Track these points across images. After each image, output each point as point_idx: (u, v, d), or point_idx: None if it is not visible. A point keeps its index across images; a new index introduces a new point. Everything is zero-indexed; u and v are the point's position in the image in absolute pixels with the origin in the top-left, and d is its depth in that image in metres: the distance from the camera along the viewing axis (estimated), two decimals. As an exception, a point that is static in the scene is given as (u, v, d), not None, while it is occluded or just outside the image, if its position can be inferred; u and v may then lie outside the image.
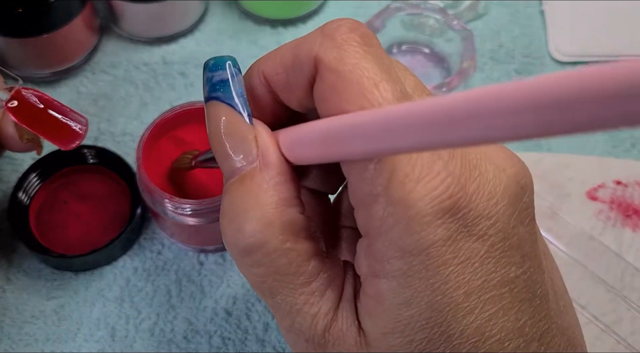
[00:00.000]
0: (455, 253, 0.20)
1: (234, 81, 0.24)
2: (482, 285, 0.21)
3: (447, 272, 0.20)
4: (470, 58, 0.49)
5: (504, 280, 0.21)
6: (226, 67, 0.25)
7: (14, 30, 0.46)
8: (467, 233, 0.20)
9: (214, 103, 0.24)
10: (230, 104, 0.24)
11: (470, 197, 0.21)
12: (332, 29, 0.23)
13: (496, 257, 0.21)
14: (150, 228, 0.45)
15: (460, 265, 0.21)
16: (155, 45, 0.53)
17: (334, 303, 0.23)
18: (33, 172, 0.45)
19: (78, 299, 0.43)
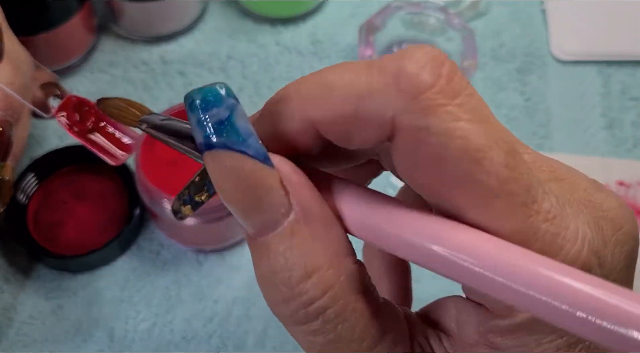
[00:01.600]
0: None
1: (237, 117, 0.19)
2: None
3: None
4: (471, 57, 0.49)
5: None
6: (222, 101, 0.19)
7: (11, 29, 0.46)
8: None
9: (217, 153, 0.18)
10: (240, 150, 0.18)
11: (601, 270, 0.19)
12: (411, 82, 0.17)
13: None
14: (149, 229, 0.45)
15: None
16: (154, 45, 0.53)
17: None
18: (31, 172, 0.45)
19: (76, 300, 0.43)
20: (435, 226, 0.18)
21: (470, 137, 0.17)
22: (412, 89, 0.17)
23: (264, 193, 0.18)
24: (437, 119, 0.17)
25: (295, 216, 0.19)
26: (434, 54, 0.18)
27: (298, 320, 0.19)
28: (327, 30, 0.54)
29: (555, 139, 0.49)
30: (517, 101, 0.51)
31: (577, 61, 0.53)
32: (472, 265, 0.17)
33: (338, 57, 0.53)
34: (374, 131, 0.18)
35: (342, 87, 0.18)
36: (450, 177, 0.17)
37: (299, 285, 0.19)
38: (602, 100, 0.51)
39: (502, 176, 0.17)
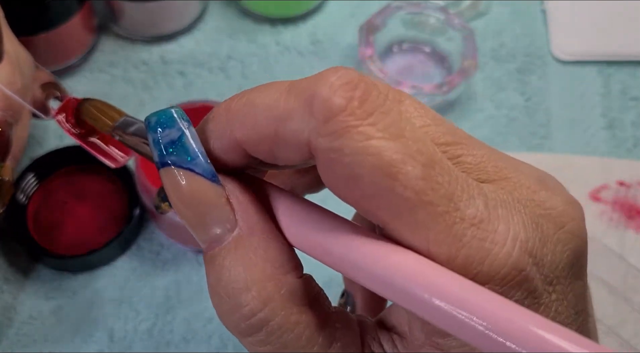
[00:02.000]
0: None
1: (187, 139, 0.20)
2: None
3: None
4: (471, 57, 0.49)
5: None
6: (174, 123, 0.20)
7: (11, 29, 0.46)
8: (533, 303, 0.19)
9: (169, 170, 0.20)
10: (189, 168, 0.20)
11: (538, 269, 0.19)
12: (322, 106, 0.18)
13: (555, 321, 0.19)
14: (149, 229, 0.45)
15: None
16: (154, 44, 0.53)
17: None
18: (31, 172, 0.45)
19: (76, 300, 0.43)
20: (356, 243, 0.19)
21: (382, 153, 0.17)
22: (324, 113, 0.18)
23: (211, 209, 0.20)
24: (349, 140, 0.17)
25: (239, 231, 0.20)
26: (348, 77, 0.18)
27: (243, 331, 0.20)
28: (327, 30, 0.54)
29: (555, 138, 0.49)
30: (517, 101, 0.51)
31: (577, 61, 0.53)
32: (390, 282, 0.18)
33: (338, 57, 0.53)
34: (294, 152, 0.19)
35: (263, 108, 0.19)
36: (369, 194, 0.18)
37: (241, 297, 0.19)
38: (602, 100, 0.51)
39: (418, 188, 0.17)
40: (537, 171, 0.21)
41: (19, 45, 0.38)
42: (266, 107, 0.19)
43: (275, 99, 0.19)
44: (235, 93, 0.20)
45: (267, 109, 0.19)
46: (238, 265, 0.20)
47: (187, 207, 0.20)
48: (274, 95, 0.19)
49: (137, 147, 0.24)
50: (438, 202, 0.18)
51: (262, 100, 0.19)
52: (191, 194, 0.20)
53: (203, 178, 0.20)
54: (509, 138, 0.49)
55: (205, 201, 0.20)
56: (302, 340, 0.20)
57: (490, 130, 0.50)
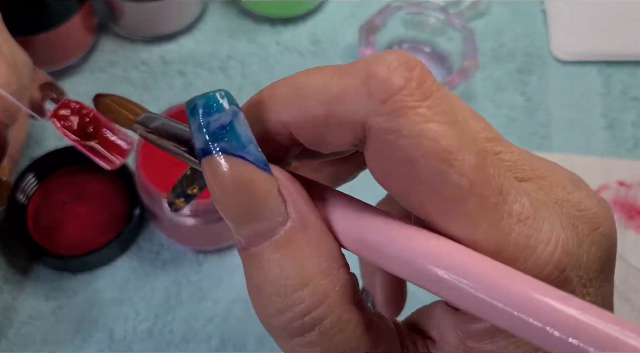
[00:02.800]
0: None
1: (238, 124, 0.19)
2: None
3: None
4: (471, 57, 0.49)
5: None
6: (224, 107, 0.19)
7: (11, 29, 0.46)
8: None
9: (216, 158, 0.18)
10: (241, 156, 0.18)
11: (575, 270, 0.19)
12: (380, 84, 0.17)
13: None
14: (149, 229, 0.45)
15: None
16: (154, 44, 0.53)
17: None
18: (31, 172, 0.45)
19: (76, 300, 0.43)
20: (413, 241, 0.18)
21: (440, 138, 0.17)
22: (382, 92, 0.17)
23: (263, 200, 0.18)
24: (407, 121, 0.17)
25: (292, 224, 0.19)
26: (404, 58, 0.18)
27: (293, 331, 0.19)
28: (327, 30, 0.54)
29: (555, 139, 0.49)
30: (517, 101, 0.51)
31: (577, 61, 0.53)
32: (440, 277, 0.17)
33: (338, 57, 0.53)
34: (346, 134, 0.18)
35: (313, 90, 0.19)
36: (421, 179, 0.17)
37: (295, 295, 0.18)
38: (603, 100, 0.51)
39: (472, 177, 0.17)
40: (567, 171, 0.21)
41: (16, 46, 0.38)
42: (317, 88, 0.18)
43: (326, 80, 0.18)
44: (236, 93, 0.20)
45: (319, 90, 0.18)
46: (291, 260, 0.18)
47: (235, 198, 0.18)
48: (324, 77, 0.19)
49: (160, 143, 0.23)
50: (490, 193, 0.17)
51: (312, 81, 0.19)
52: (242, 184, 0.18)
53: (255, 167, 0.18)
54: (509, 138, 0.49)
55: (258, 191, 0.18)
56: (353, 340, 0.19)
57: (490, 130, 0.50)
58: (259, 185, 0.18)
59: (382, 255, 0.18)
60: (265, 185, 0.18)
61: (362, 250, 0.19)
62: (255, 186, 0.18)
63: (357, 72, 0.18)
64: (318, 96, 0.18)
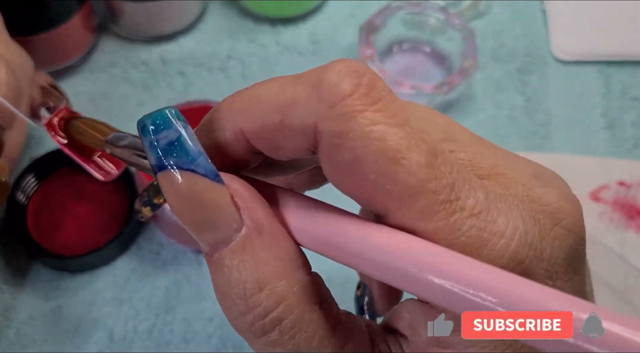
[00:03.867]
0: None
1: (186, 139, 0.19)
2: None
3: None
4: (471, 57, 0.49)
5: None
6: (171, 124, 0.19)
7: (11, 29, 0.46)
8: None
9: (168, 173, 0.19)
10: (191, 169, 0.19)
11: (538, 262, 0.19)
12: (329, 90, 0.18)
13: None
14: (149, 229, 0.45)
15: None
16: (154, 44, 0.53)
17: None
18: (31, 172, 0.45)
19: (76, 300, 0.43)
20: (362, 232, 0.19)
21: (387, 138, 0.18)
22: (331, 97, 0.18)
23: (216, 210, 0.19)
24: (355, 124, 0.18)
25: (247, 231, 0.19)
26: (354, 66, 0.19)
27: (255, 332, 0.20)
28: (327, 30, 0.54)
29: (555, 139, 0.49)
30: (517, 101, 0.51)
31: (577, 61, 0.53)
32: (393, 266, 0.18)
33: (338, 57, 0.52)
34: (299, 140, 0.19)
35: (268, 98, 0.19)
36: (372, 179, 0.18)
37: (253, 297, 0.19)
38: (603, 100, 0.51)
39: (422, 175, 0.18)
40: (533, 166, 0.21)
41: (15, 48, 0.38)
42: (272, 95, 0.19)
43: (281, 88, 0.19)
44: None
45: (273, 98, 0.19)
46: (248, 265, 0.19)
47: (190, 210, 0.19)
48: (278, 85, 0.19)
49: (130, 159, 0.24)
50: (440, 190, 0.18)
51: (268, 90, 0.19)
52: (194, 196, 0.19)
53: (206, 178, 0.19)
54: (509, 138, 0.49)
55: (210, 202, 0.19)
56: (315, 339, 0.20)
57: (490, 130, 0.50)
58: (210, 196, 0.19)
59: (336, 250, 0.19)
60: (217, 195, 0.19)
61: (318, 247, 0.19)
62: (207, 197, 0.19)
63: (309, 79, 0.19)
64: (272, 103, 0.19)
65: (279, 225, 0.20)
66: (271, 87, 0.19)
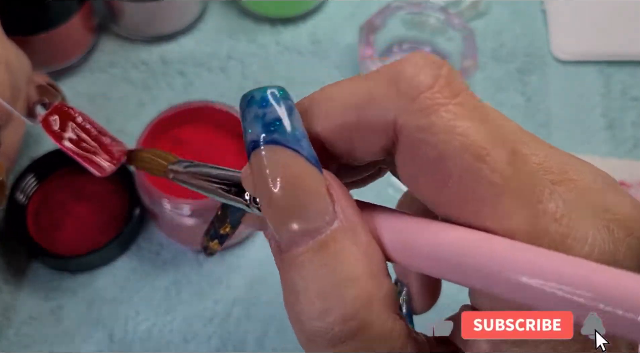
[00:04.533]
0: None
1: (293, 118, 0.18)
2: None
3: None
4: (471, 57, 0.49)
5: None
6: (281, 101, 0.18)
7: (10, 29, 0.46)
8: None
9: (272, 148, 0.18)
10: (295, 149, 0.18)
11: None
12: (409, 84, 0.17)
13: None
14: (149, 229, 0.45)
15: None
16: (154, 44, 0.53)
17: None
18: (30, 172, 0.45)
19: (76, 300, 0.43)
20: (464, 241, 0.17)
21: (471, 134, 0.17)
22: (411, 91, 0.17)
23: (311, 196, 0.18)
24: (438, 118, 0.17)
25: (340, 224, 0.18)
26: (431, 58, 0.18)
27: (334, 338, 0.17)
28: (327, 30, 0.54)
29: (555, 139, 0.49)
30: (517, 101, 0.51)
31: (577, 61, 0.53)
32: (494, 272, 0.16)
33: (338, 57, 0.53)
34: (378, 137, 0.18)
35: (342, 98, 0.18)
36: (453, 177, 0.17)
37: (339, 295, 0.17)
38: (603, 100, 0.51)
39: (506, 173, 0.17)
40: (600, 172, 0.20)
41: (11, 46, 0.38)
42: (346, 95, 0.18)
43: (353, 86, 0.18)
44: (236, 93, 0.20)
45: (347, 96, 0.18)
46: (336, 260, 0.17)
47: (284, 192, 0.17)
48: (351, 83, 0.19)
49: (192, 182, 0.23)
50: (525, 190, 0.17)
51: (340, 90, 0.19)
52: (293, 178, 0.18)
53: (308, 161, 0.18)
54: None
55: (307, 187, 0.18)
56: (395, 350, 0.18)
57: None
58: (309, 181, 0.18)
59: (425, 259, 0.18)
60: (316, 181, 0.18)
61: (405, 257, 0.18)
62: (305, 181, 0.18)
63: (384, 74, 0.18)
64: (348, 102, 0.18)
65: (368, 226, 0.19)
66: (343, 86, 0.19)
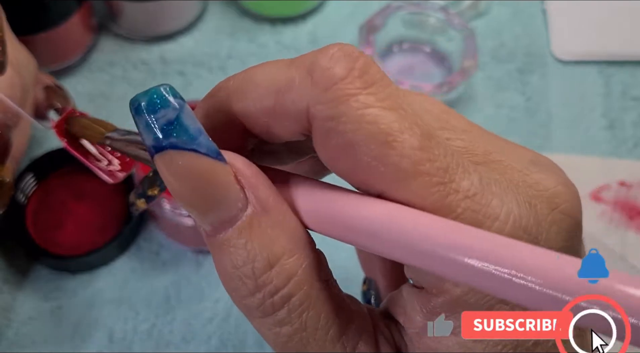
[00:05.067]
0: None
1: (185, 117, 0.18)
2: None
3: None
4: (471, 57, 0.49)
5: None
6: (169, 102, 0.18)
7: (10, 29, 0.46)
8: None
9: (167, 154, 0.18)
10: (193, 149, 0.18)
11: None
12: (322, 74, 0.18)
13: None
14: (149, 229, 0.45)
15: None
16: (154, 44, 0.53)
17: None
18: (30, 172, 0.45)
19: (76, 300, 0.43)
20: (377, 209, 0.18)
21: (380, 121, 0.18)
22: (324, 81, 0.18)
23: (220, 189, 0.19)
24: (347, 107, 0.18)
25: (253, 209, 0.19)
26: (349, 50, 0.19)
27: (265, 311, 0.19)
28: (327, 30, 0.54)
29: (555, 139, 0.49)
30: (517, 101, 0.51)
31: (577, 61, 0.53)
32: (400, 240, 0.17)
33: (338, 57, 0.53)
34: (293, 123, 0.19)
35: (263, 81, 0.19)
36: (364, 162, 0.18)
37: (263, 276, 0.19)
38: (603, 100, 0.51)
39: (415, 158, 0.18)
40: (529, 153, 0.21)
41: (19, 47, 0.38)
42: (266, 79, 0.19)
43: (275, 71, 0.19)
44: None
45: (268, 81, 0.19)
46: (256, 243, 0.19)
47: (192, 191, 0.19)
48: (274, 68, 0.19)
49: (129, 151, 0.23)
50: (434, 172, 0.18)
51: (262, 73, 0.19)
52: (198, 176, 0.18)
53: (208, 157, 0.18)
54: (509, 138, 0.49)
55: (214, 182, 0.19)
56: (321, 318, 0.19)
57: (490, 130, 0.49)
58: (214, 175, 0.19)
59: (341, 227, 0.19)
60: (221, 174, 0.19)
61: (324, 226, 0.19)
62: (210, 176, 0.19)
63: (303, 63, 0.19)
64: (267, 87, 0.19)
65: (284, 202, 0.20)
66: (267, 70, 0.19)
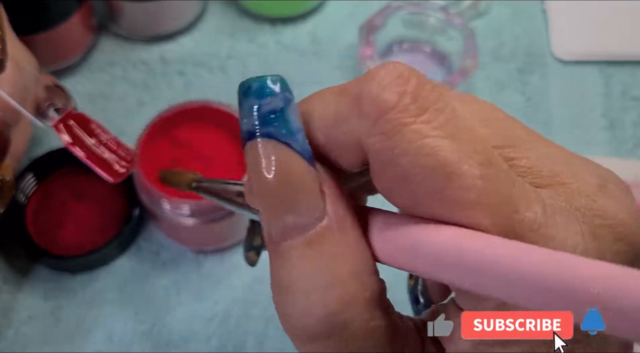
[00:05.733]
0: None
1: (289, 111, 0.18)
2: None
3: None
4: (471, 57, 0.49)
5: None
6: (276, 92, 0.18)
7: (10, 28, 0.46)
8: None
9: (266, 142, 0.18)
10: (288, 143, 0.18)
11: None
12: (371, 105, 0.17)
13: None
14: (148, 229, 0.45)
15: None
16: (154, 44, 0.53)
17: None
18: (30, 172, 0.45)
19: (75, 300, 0.43)
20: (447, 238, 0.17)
21: (437, 153, 0.16)
22: (373, 112, 0.17)
23: (304, 193, 0.18)
24: (401, 139, 0.17)
25: (329, 222, 0.18)
26: (398, 71, 0.17)
27: (314, 334, 0.18)
28: (327, 30, 0.54)
29: (555, 139, 0.49)
30: (517, 101, 0.51)
31: (578, 61, 0.53)
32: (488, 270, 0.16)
33: (338, 57, 0.53)
34: (349, 155, 0.18)
35: (317, 115, 0.19)
36: (424, 196, 0.17)
37: (322, 295, 0.17)
38: (603, 100, 0.51)
39: (477, 188, 0.17)
40: (598, 172, 0.20)
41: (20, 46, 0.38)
42: (319, 112, 0.19)
43: (324, 105, 0.18)
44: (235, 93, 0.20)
45: (320, 114, 0.18)
46: (322, 258, 0.18)
47: (276, 187, 0.18)
48: (325, 99, 0.19)
49: (217, 193, 0.23)
50: (497, 203, 0.17)
51: (315, 105, 0.19)
52: (285, 172, 0.18)
53: (300, 157, 0.18)
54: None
55: (301, 183, 0.18)
56: (378, 348, 0.18)
57: (490, 130, 0.50)
58: (300, 176, 0.18)
59: (419, 258, 0.17)
60: (308, 177, 0.18)
61: (394, 255, 0.18)
62: (299, 177, 0.18)
63: (351, 92, 0.18)
64: (319, 120, 0.18)
65: (359, 227, 0.19)
66: (317, 102, 0.19)
